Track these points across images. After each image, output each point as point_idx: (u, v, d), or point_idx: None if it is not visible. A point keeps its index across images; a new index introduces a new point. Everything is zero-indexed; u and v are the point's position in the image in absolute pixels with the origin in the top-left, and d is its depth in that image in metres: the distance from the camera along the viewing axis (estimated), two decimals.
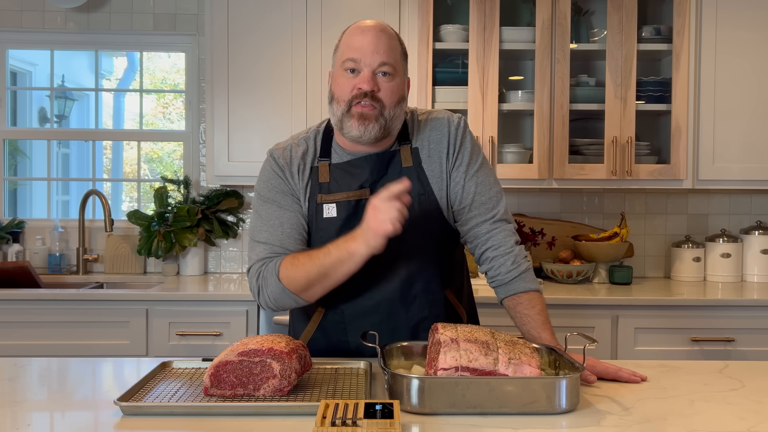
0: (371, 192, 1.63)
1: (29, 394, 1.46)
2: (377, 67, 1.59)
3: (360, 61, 1.58)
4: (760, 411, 1.32)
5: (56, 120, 4.36)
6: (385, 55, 1.59)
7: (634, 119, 3.01)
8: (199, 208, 3.32)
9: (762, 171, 3.05)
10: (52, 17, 3.46)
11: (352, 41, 1.61)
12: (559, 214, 3.42)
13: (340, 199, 1.65)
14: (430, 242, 1.68)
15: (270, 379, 1.33)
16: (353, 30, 1.64)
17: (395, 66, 1.61)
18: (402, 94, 1.64)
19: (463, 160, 1.69)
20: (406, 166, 1.67)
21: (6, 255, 3.38)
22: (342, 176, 1.66)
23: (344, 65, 1.60)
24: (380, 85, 1.59)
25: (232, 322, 2.80)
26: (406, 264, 1.66)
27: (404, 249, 1.63)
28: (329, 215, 1.65)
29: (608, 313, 2.78)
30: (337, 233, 1.62)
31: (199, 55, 3.46)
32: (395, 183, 1.45)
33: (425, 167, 1.68)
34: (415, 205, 1.64)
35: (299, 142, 1.71)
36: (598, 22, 3.27)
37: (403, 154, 1.68)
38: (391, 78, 1.60)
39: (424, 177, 1.67)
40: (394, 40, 1.63)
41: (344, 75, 1.61)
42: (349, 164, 1.67)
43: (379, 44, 1.59)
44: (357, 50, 1.59)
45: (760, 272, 3.22)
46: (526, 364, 1.30)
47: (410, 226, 1.61)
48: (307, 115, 3.07)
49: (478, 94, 3.00)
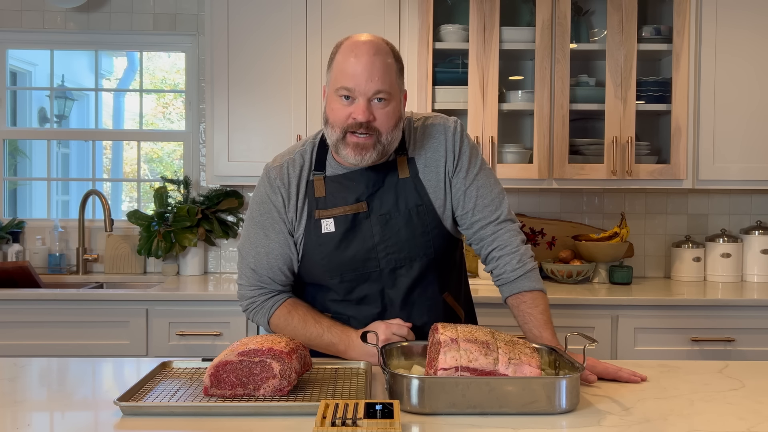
0: (368, 205, 1.64)
1: (29, 394, 1.46)
2: (372, 95, 1.56)
3: (354, 90, 1.55)
4: (760, 411, 1.32)
5: (56, 120, 4.36)
6: (379, 82, 1.55)
7: (634, 119, 3.01)
8: (199, 208, 3.32)
9: (762, 171, 3.05)
10: (52, 17, 3.46)
11: (345, 67, 1.56)
12: (559, 214, 3.42)
13: (337, 213, 1.65)
14: (430, 251, 1.68)
15: (270, 379, 1.33)
16: (346, 51, 1.58)
17: (390, 91, 1.57)
18: (399, 116, 1.61)
19: (463, 166, 1.69)
20: (402, 177, 1.66)
21: (6, 255, 3.38)
22: (338, 189, 1.67)
23: (338, 92, 1.57)
24: (375, 113, 1.56)
25: (232, 322, 2.80)
26: (406, 273, 1.67)
27: (402, 259, 1.66)
28: (327, 230, 1.65)
29: (608, 313, 2.78)
30: (337, 248, 1.64)
31: (199, 55, 3.46)
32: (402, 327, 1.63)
33: (422, 177, 1.68)
34: (412, 216, 1.65)
35: (295, 157, 1.71)
36: (598, 22, 3.26)
37: (399, 165, 1.67)
38: (387, 103, 1.57)
39: (422, 187, 1.67)
40: (389, 59, 1.59)
41: (338, 101, 1.58)
42: (344, 177, 1.67)
43: (373, 71, 1.54)
44: (351, 78, 1.55)
45: (760, 272, 3.22)
46: (526, 364, 1.30)
47: (408, 238, 1.64)
48: (306, 115, 3.07)
49: (478, 94, 3.00)
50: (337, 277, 1.67)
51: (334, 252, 1.64)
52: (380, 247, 1.65)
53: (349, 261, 1.65)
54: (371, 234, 1.65)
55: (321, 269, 1.67)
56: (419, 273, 1.67)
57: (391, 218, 1.65)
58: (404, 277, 1.66)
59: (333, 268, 1.66)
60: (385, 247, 1.65)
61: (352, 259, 1.65)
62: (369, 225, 1.65)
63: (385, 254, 1.65)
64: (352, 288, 1.68)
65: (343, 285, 1.68)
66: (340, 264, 1.66)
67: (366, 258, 1.65)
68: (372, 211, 1.65)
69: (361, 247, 1.65)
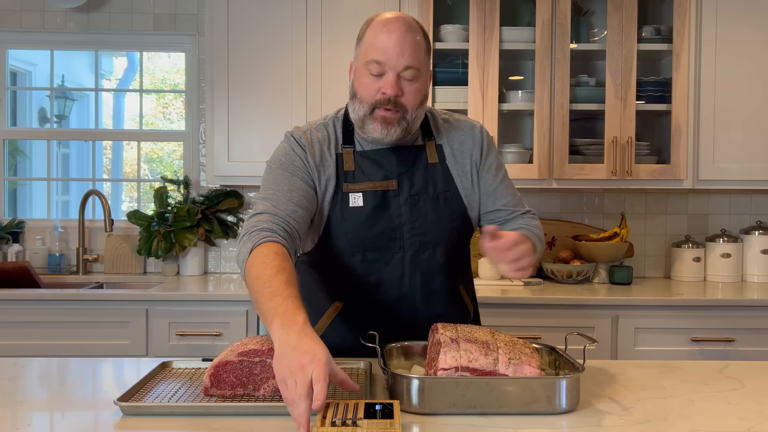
0: (398, 184, 1.64)
1: (29, 394, 1.46)
2: (402, 70, 1.56)
3: (385, 64, 1.55)
4: (760, 411, 1.32)
5: (56, 120, 4.36)
6: (410, 58, 1.55)
7: (634, 119, 3.01)
8: (199, 208, 3.32)
9: (762, 171, 3.05)
10: (52, 17, 3.46)
11: (376, 40, 1.57)
12: (559, 214, 3.42)
13: (366, 188, 1.63)
14: (453, 237, 1.68)
15: (270, 379, 1.33)
16: (378, 26, 1.59)
17: (420, 68, 1.58)
18: (424, 95, 1.63)
19: (492, 165, 1.73)
20: (432, 162, 1.68)
21: (6, 255, 3.38)
22: (368, 165, 1.65)
23: (368, 66, 1.57)
24: (404, 89, 1.57)
25: (232, 322, 2.80)
26: (429, 258, 1.66)
27: (427, 243, 1.65)
28: (355, 204, 1.63)
29: (608, 313, 2.78)
30: (364, 223, 1.62)
31: (199, 55, 3.46)
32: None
33: (449, 164, 1.69)
34: (440, 201, 1.65)
35: (318, 128, 1.68)
36: (598, 22, 3.26)
37: (428, 150, 1.68)
38: (416, 80, 1.58)
39: (449, 174, 1.68)
40: (419, 36, 1.60)
41: (367, 75, 1.58)
42: (375, 153, 1.66)
43: (405, 45, 1.55)
44: (382, 52, 1.55)
45: (760, 272, 3.22)
46: (526, 364, 1.30)
47: (435, 222, 1.64)
48: (307, 115, 3.07)
49: (478, 94, 3.00)
50: (360, 254, 1.64)
51: (361, 227, 1.62)
52: (406, 227, 1.64)
53: (374, 238, 1.63)
54: (399, 213, 1.64)
55: (345, 243, 1.64)
56: (441, 259, 1.67)
57: (420, 200, 1.65)
58: (426, 262, 1.65)
59: (357, 243, 1.63)
60: (411, 228, 1.64)
61: (378, 236, 1.63)
62: (398, 204, 1.64)
63: (410, 235, 1.64)
64: (371, 270, 1.65)
65: (364, 264, 1.65)
66: (364, 240, 1.63)
67: (392, 237, 1.63)
68: (402, 191, 1.64)
69: (388, 224, 1.63)
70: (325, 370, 1.13)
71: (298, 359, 1.15)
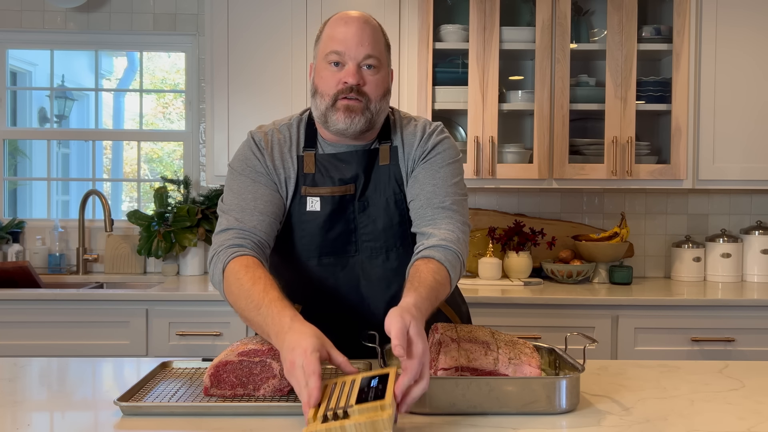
0: (355, 189, 1.62)
1: (29, 394, 1.46)
2: (362, 60, 1.56)
3: (344, 54, 1.56)
4: (760, 411, 1.32)
5: (56, 120, 4.36)
6: (370, 48, 1.56)
7: (634, 119, 3.01)
8: (199, 208, 3.32)
9: (762, 171, 3.05)
10: (52, 17, 3.46)
11: (335, 33, 1.58)
12: (559, 214, 3.42)
13: (324, 193, 1.62)
14: (407, 242, 1.65)
15: (270, 379, 1.33)
16: (336, 21, 1.61)
17: (380, 58, 1.58)
18: (387, 87, 1.62)
19: (430, 158, 1.63)
20: (383, 164, 1.65)
21: (6, 255, 3.38)
22: (328, 168, 1.64)
23: (328, 58, 1.57)
24: (365, 78, 1.57)
25: (232, 322, 2.80)
26: (383, 264, 1.64)
27: (378, 248, 1.64)
28: (312, 209, 1.62)
29: (608, 313, 2.78)
30: (319, 227, 1.61)
31: (199, 54, 3.46)
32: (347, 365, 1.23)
33: (401, 167, 1.65)
34: (390, 205, 1.63)
35: (281, 129, 1.68)
36: (598, 22, 3.26)
37: (381, 152, 1.66)
38: (377, 71, 1.58)
39: (400, 177, 1.65)
40: (378, 32, 1.61)
41: (328, 68, 1.58)
42: (335, 157, 1.65)
43: (363, 36, 1.56)
44: (341, 42, 1.56)
45: (760, 272, 3.21)
46: (526, 364, 1.30)
47: (384, 227, 1.62)
48: None
49: (478, 94, 3.00)
50: (315, 258, 1.64)
51: (317, 232, 1.61)
52: (359, 232, 1.63)
53: (330, 243, 1.62)
54: (353, 218, 1.63)
55: (300, 247, 1.64)
56: (396, 264, 1.64)
57: (369, 204, 1.63)
58: (380, 268, 1.64)
59: (313, 248, 1.63)
60: (363, 233, 1.63)
61: (333, 241, 1.62)
62: (352, 208, 1.63)
63: (363, 240, 1.63)
64: (327, 274, 1.64)
65: (320, 268, 1.64)
66: (320, 245, 1.63)
67: (346, 242, 1.63)
68: (357, 196, 1.63)
69: (343, 230, 1.63)
70: (312, 360, 1.17)
71: (290, 359, 1.20)
